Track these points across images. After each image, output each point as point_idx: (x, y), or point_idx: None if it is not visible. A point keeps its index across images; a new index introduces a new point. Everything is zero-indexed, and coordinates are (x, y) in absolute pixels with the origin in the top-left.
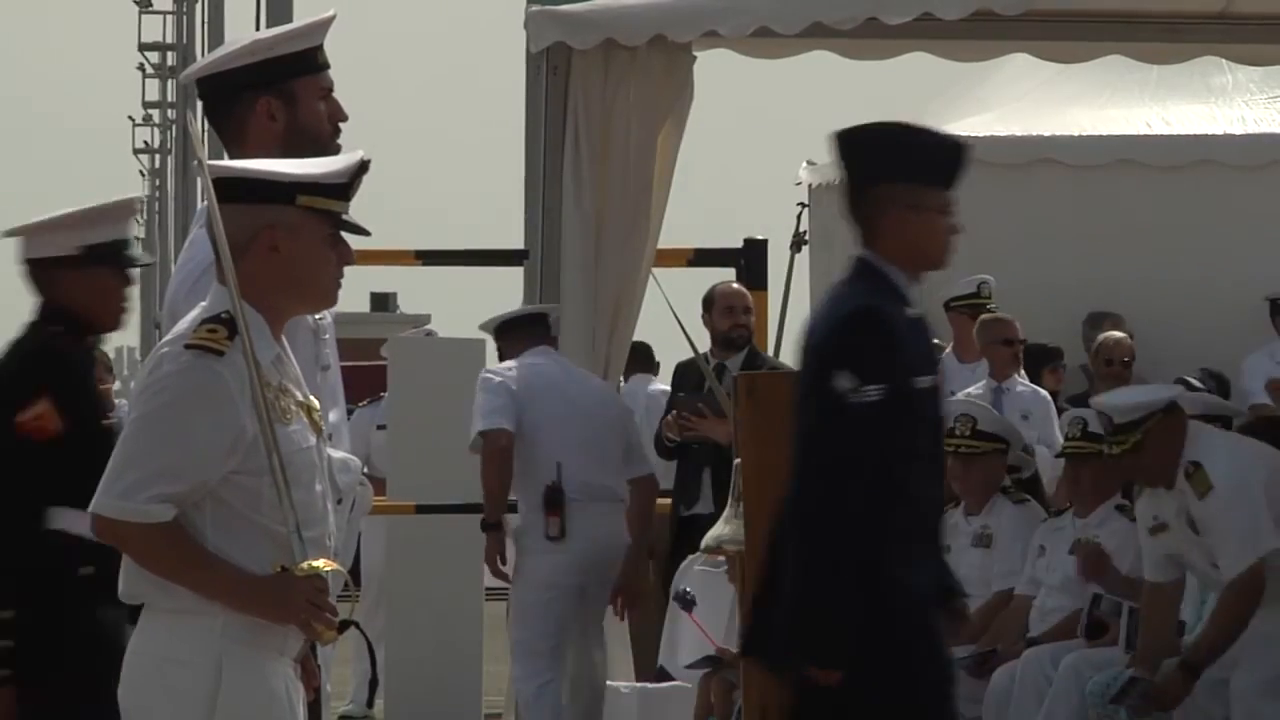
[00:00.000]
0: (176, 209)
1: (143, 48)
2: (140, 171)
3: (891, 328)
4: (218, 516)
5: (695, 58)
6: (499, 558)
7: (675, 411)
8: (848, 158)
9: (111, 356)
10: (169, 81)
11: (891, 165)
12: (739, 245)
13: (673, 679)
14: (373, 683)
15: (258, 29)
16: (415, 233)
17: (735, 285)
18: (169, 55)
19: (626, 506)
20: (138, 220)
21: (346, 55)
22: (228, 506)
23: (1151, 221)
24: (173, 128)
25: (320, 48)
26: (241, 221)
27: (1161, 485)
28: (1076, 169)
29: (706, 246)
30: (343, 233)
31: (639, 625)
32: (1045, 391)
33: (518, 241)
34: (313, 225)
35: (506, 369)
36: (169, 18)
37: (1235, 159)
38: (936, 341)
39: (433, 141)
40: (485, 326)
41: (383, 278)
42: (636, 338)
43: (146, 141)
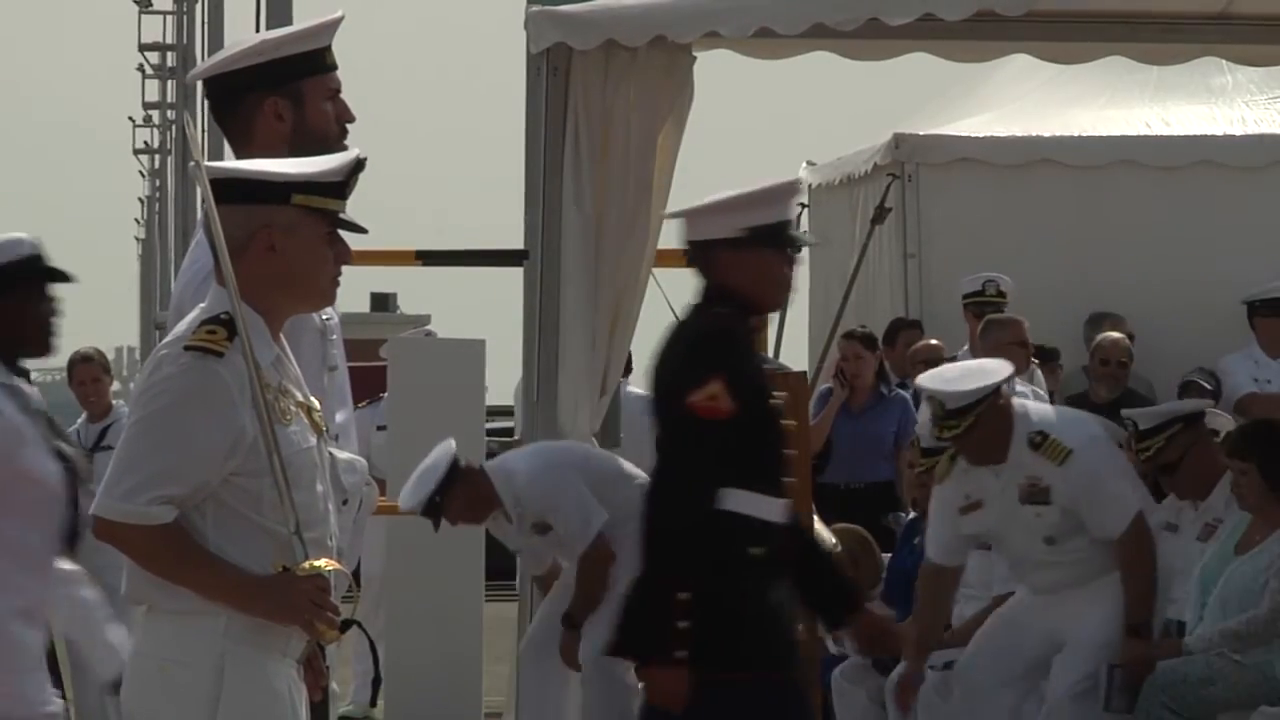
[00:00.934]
0: (176, 209)
1: (143, 48)
2: (140, 172)
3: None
4: (219, 518)
5: (695, 58)
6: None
7: None
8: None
9: (111, 357)
10: (169, 82)
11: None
12: None
13: None
14: (375, 682)
15: (258, 29)
16: (415, 233)
17: None
18: (169, 56)
19: None
20: (137, 220)
21: (347, 56)
22: (228, 508)
23: (1151, 221)
24: (173, 128)
25: (328, 48)
26: (239, 222)
27: (993, 462)
28: (1076, 169)
29: None
30: (341, 231)
31: None
32: (1044, 392)
33: (518, 241)
34: (310, 224)
35: None
36: (169, 18)
37: (1235, 159)
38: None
39: (433, 141)
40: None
41: (383, 278)
42: (636, 339)
43: (146, 142)
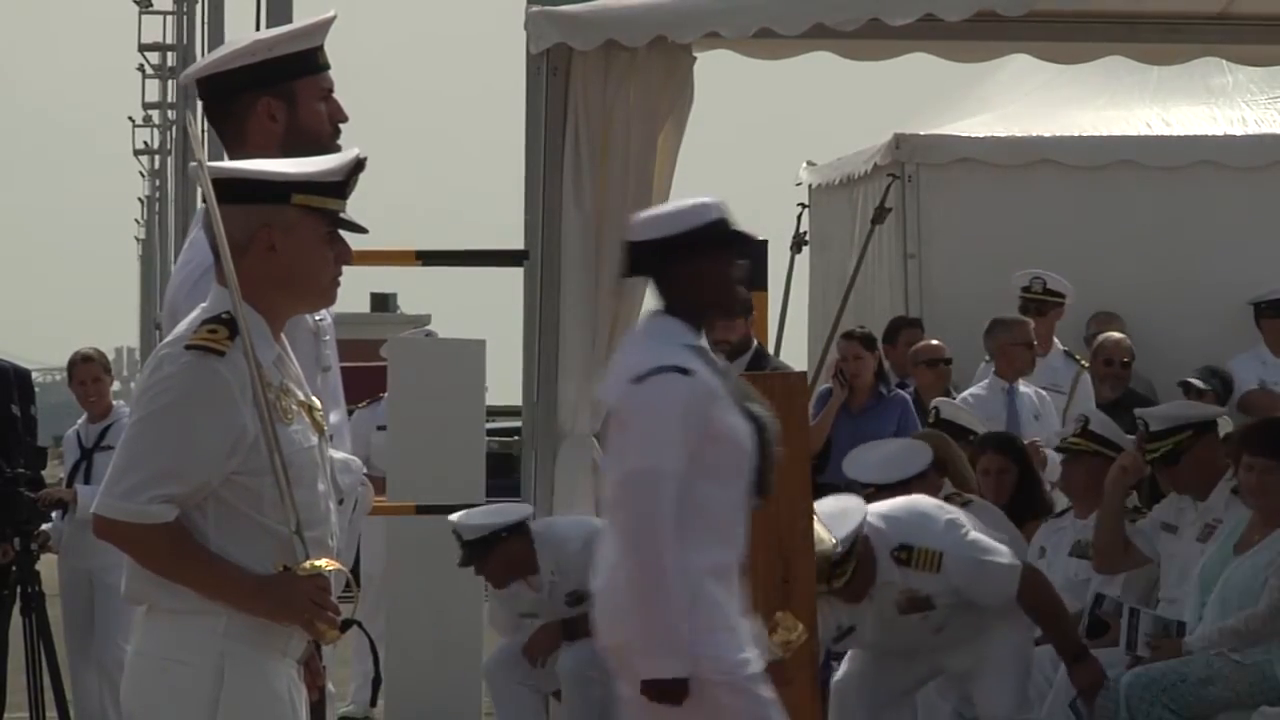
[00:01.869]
0: (176, 209)
1: (143, 48)
2: (140, 172)
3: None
4: (219, 517)
5: (696, 59)
6: None
7: None
8: None
9: (111, 357)
10: (169, 82)
11: None
12: None
13: None
14: (375, 682)
15: (258, 29)
16: (415, 233)
17: None
18: (169, 56)
19: None
20: (137, 221)
21: (347, 56)
22: (229, 507)
23: (1151, 221)
24: (173, 128)
25: (321, 48)
26: (239, 221)
27: (865, 596)
28: (1077, 170)
29: None
30: (341, 231)
31: None
32: (1044, 392)
33: (518, 241)
34: (310, 224)
35: None
36: (169, 18)
37: (1235, 159)
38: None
39: (433, 141)
40: None
41: (383, 278)
42: None
43: (146, 142)
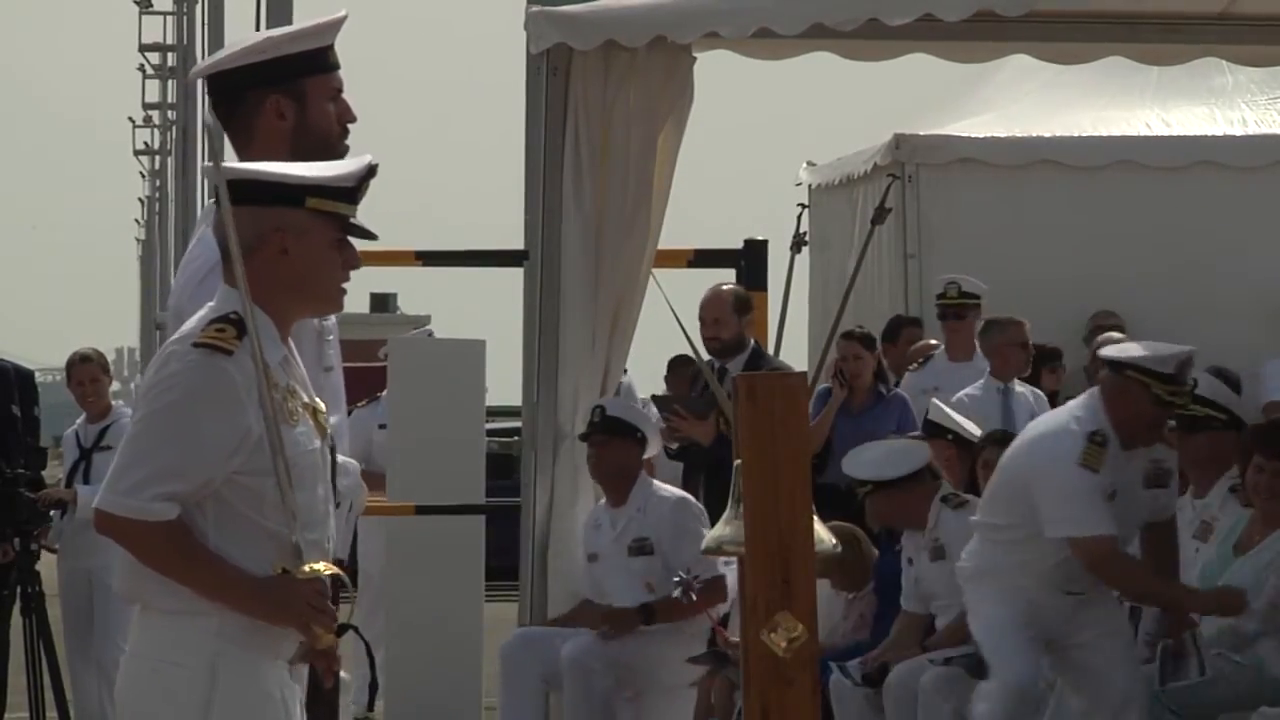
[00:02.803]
0: (176, 210)
1: (143, 49)
2: (140, 172)
3: None
4: (219, 516)
5: (696, 59)
6: None
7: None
8: None
9: (111, 357)
10: (169, 82)
11: None
12: (739, 246)
13: None
14: (372, 686)
15: (258, 29)
16: (415, 233)
17: (715, 291)
18: (169, 56)
19: None
20: (137, 221)
21: (347, 55)
22: (230, 507)
23: (1151, 221)
24: (173, 129)
25: (331, 48)
26: (251, 223)
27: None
28: (1076, 170)
29: (707, 247)
30: (350, 237)
31: None
32: (1042, 392)
33: (518, 242)
34: (321, 228)
35: None
36: (169, 18)
37: (1235, 159)
38: (934, 341)
39: (433, 142)
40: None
41: (383, 278)
42: (636, 339)
43: (146, 143)
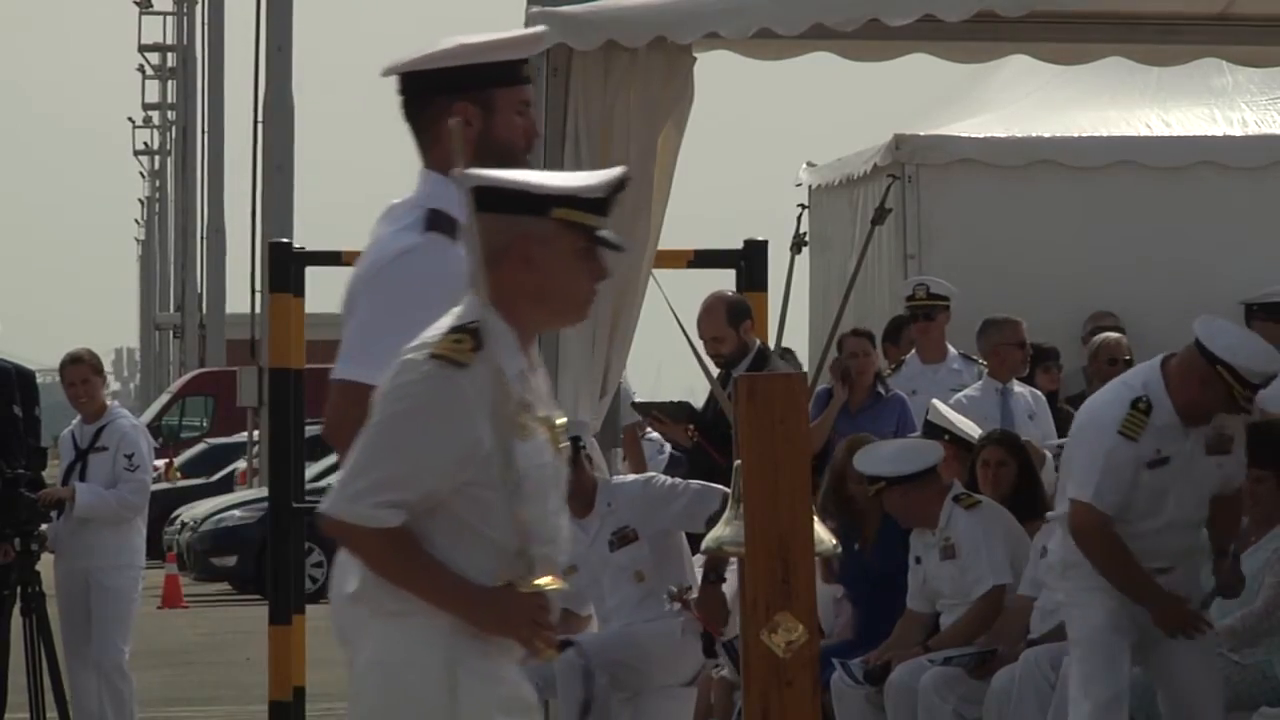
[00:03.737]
0: (176, 210)
1: (143, 49)
2: (140, 173)
3: None
4: (447, 526)
5: (696, 59)
6: None
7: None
8: None
9: (111, 358)
10: (169, 83)
11: None
12: (739, 247)
13: None
14: (585, 706)
15: (257, 30)
16: None
17: (707, 306)
18: (169, 56)
19: None
20: (137, 221)
21: (346, 55)
22: (458, 517)
23: (1151, 222)
24: (172, 129)
25: (525, 61)
26: (495, 231)
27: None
28: (1076, 170)
29: (707, 248)
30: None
31: None
32: (1039, 392)
33: None
34: (567, 238)
35: None
36: (169, 19)
37: (1235, 160)
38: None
39: None
40: None
41: None
42: (636, 339)
43: (146, 143)
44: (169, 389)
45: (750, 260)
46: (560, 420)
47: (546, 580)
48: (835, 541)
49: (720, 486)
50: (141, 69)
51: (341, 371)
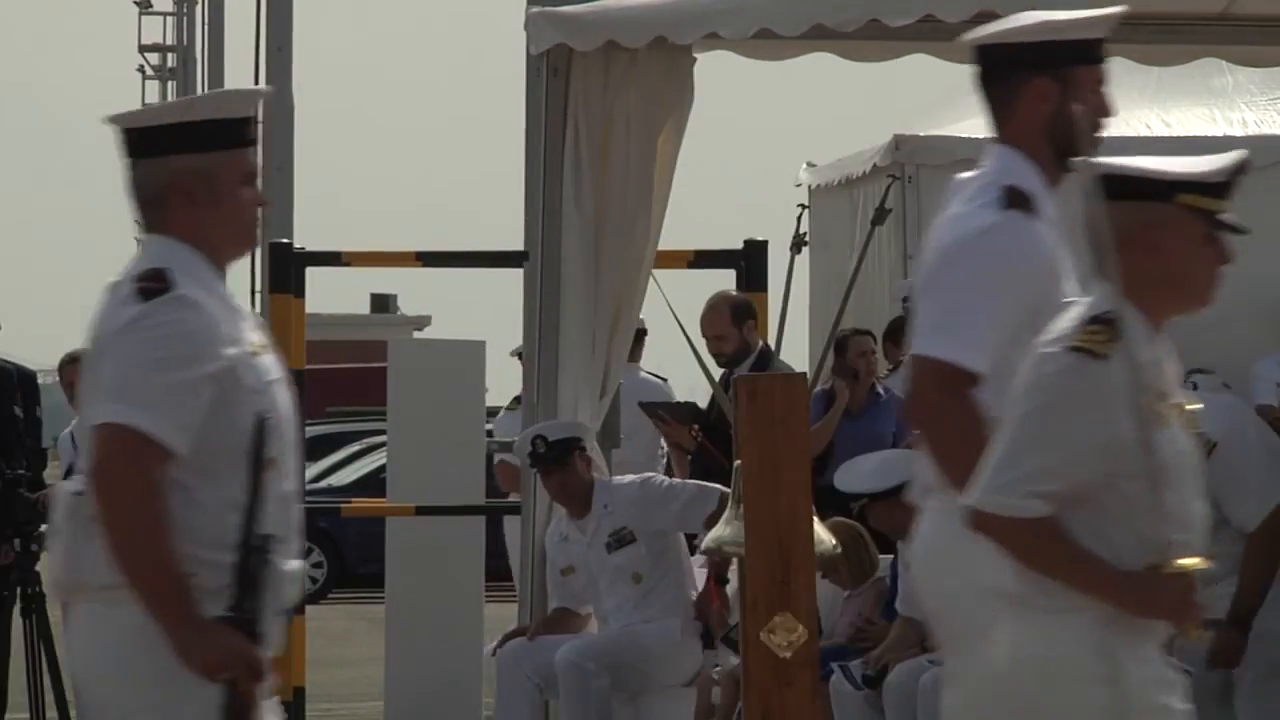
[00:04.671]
0: None
1: (143, 49)
2: None
3: None
4: (1090, 518)
5: (696, 59)
6: None
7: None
8: None
9: None
10: (169, 83)
11: None
12: (739, 247)
13: None
14: None
15: (257, 30)
16: (415, 233)
17: (710, 305)
18: (169, 57)
19: None
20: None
21: (346, 55)
22: (1102, 508)
23: None
24: None
25: (1102, 40)
26: (1120, 218)
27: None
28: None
29: (707, 248)
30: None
31: None
32: None
33: (518, 242)
34: (1191, 224)
35: None
36: (169, 19)
37: None
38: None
39: (433, 142)
40: None
41: (383, 279)
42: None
43: None
44: None
45: (750, 260)
46: (1192, 406)
47: (1189, 561)
48: (835, 541)
49: (718, 487)
50: (141, 69)
51: (925, 347)
